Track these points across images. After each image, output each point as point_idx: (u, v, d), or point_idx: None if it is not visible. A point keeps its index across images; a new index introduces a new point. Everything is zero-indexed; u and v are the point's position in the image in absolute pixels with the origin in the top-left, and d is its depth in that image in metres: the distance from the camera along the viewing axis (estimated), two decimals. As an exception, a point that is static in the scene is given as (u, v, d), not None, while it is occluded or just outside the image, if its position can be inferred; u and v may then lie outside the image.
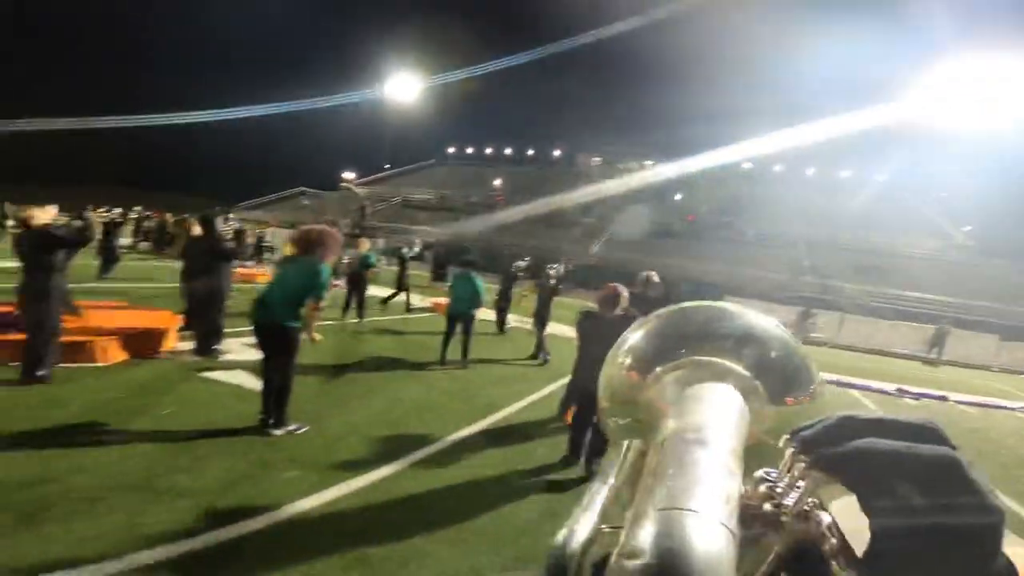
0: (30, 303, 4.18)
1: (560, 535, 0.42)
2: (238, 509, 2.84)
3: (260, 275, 11.68)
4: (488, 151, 63.49)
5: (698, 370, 0.48)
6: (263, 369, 4.06)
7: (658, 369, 0.50)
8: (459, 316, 6.94)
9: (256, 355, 4.16)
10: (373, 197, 50.66)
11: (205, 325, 5.70)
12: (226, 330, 5.97)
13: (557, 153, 59.40)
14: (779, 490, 0.39)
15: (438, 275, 20.82)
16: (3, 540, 2.26)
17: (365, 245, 9.41)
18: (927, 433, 0.37)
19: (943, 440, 0.37)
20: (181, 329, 6.01)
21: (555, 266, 8.41)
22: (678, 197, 38.87)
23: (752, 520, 0.38)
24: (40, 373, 4.20)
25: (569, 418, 4.35)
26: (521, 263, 9.32)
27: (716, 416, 0.43)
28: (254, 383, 4.64)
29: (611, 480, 0.48)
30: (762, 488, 0.39)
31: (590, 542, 0.42)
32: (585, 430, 4.05)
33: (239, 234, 13.34)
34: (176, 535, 2.52)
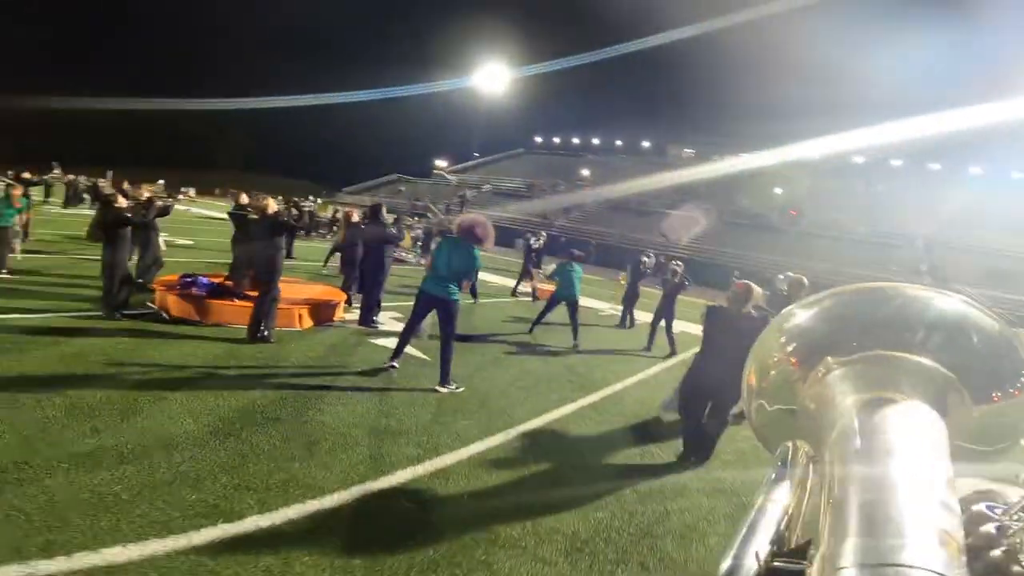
0: (261, 276, 5.37)
1: (724, 565, 0.38)
2: (440, 444, 3.69)
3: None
4: (575, 141, 63.39)
5: (882, 367, 0.42)
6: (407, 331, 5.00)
7: (829, 359, 0.44)
8: (564, 300, 7.71)
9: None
10: (464, 184, 52.52)
11: (368, 300, 6.80)
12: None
13: (647, 143, 58.12)
14: (1012, 533, 0.31)
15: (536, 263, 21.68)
16: (304, 464, 3.17)
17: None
18: None
19: None
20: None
21: (680, 263, 8.53)
22: (779, 191, 36.96)
23: (976, 566, 0.30)
24: (265, 333, 5.40)
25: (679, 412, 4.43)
26: (647, 259, 9.65)
27: (915, 434, 0.36)
28: (413, 350, 5.58)
29: (776, 496, 0.42)
30: (986, 528, 0.32)
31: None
32: (698, 423, 4.09)
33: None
34: (405, 463, 3.37)
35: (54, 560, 2.00)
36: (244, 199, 7.87)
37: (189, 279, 6.48)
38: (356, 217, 8.09)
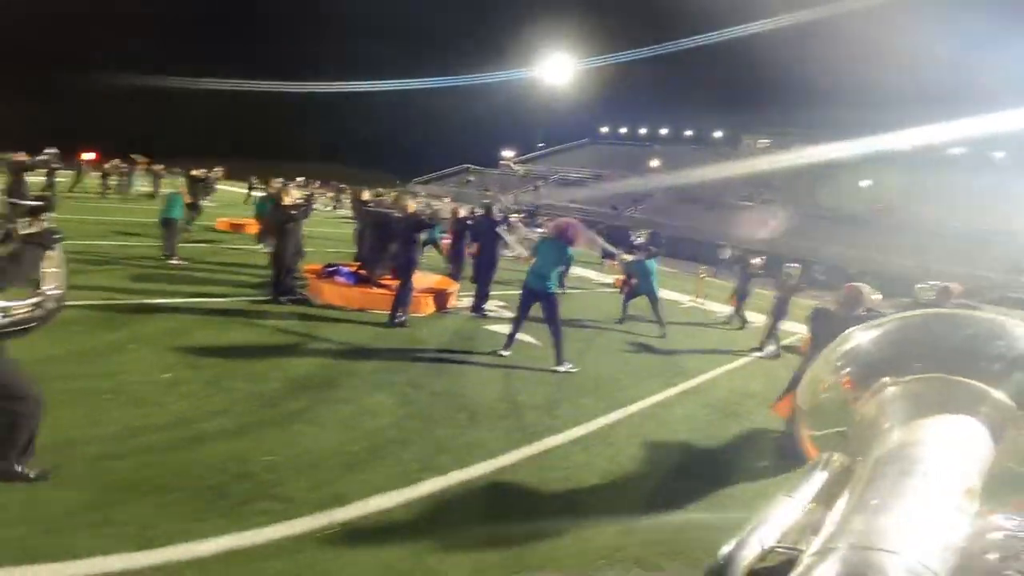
0: (401, 268, 6.24)
1: (725, 548, 0.40)
2: (572, 418, 4.34)
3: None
4: (643, 131, 62.37)
5: (941, 389, 0.42)
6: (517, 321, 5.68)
7: (885, 379, 0.45)
8: (644, 294, 8.26)
9: (512, 314, 6.03)
10: (530, 175, 53.13)
11: (481, 290, 7.58)
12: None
13: (718, 134, 56.25)
14: (1018, 542, 0.32)
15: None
16: (475, 430, 3.88)
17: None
18: None
19: None
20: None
21: (794, 265, 8.51)
22: (865, 183, 35.09)
23: (974, 567, 0.31)
24: (402, 319, 6.26)
25: (781, 409, 4.54)
26: (757, 260, 9.66)
27: (950, 445, 0.37)
28: (525, 336, 6.26)
29: (799, 494, 0.44)
30: (994, 536, 0.33)
31: (759, 560, 0.38)
32: None
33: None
34: (548, 432, 4.04)
35: (342, 508, 2.66)
36: (366, 196, 8.84)
37: (332, 268, 7.50)
38: (462, 212, 8.90)
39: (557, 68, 48.78)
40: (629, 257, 9.35)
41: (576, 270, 11.68)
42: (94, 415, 3.14)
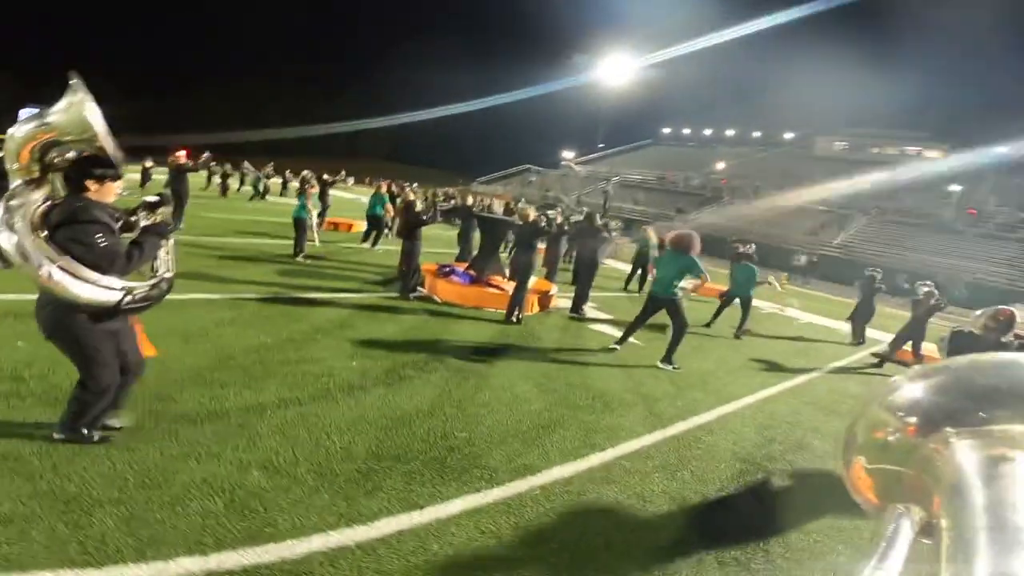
0: (520, 271, 6.94)
1: None
2: (689, 409, 4.85)
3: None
4: (707, 132, 61.07)
5: (1006, 440, 0.41)
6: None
7: (948, 430, 0.43)
8: (739, 297, 8.61)
9: (606, 315, 6.88)
10: (592, 176, 53.22)
11: (581, 292, 8.20)
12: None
13: (790, 135, 54.25)
14: None
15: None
16: (610, 416, 4.50)
17: (651, 233, 11.22)
18: None
19: None
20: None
21: (928, 283, 8.21)
22: (956, 188, 33.12)
23: None
24: (518, 317, 6.96)
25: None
26: (877, 274, 9.45)
27: None
28: (633, 339, 6.78)
29: (888, 566, 0.41)
30: None
31: None
32: None
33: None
34: (674, 420, 4.57)
35: (534, 476, 3.33)
36: (470, 200, 9.63)
37: (448, 268, 8.32)
38: (532, 215, 9.41)
39: (620, 68, 48.59)
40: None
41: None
42: (324, 401, 3.90)
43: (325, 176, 13.27)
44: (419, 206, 7.55)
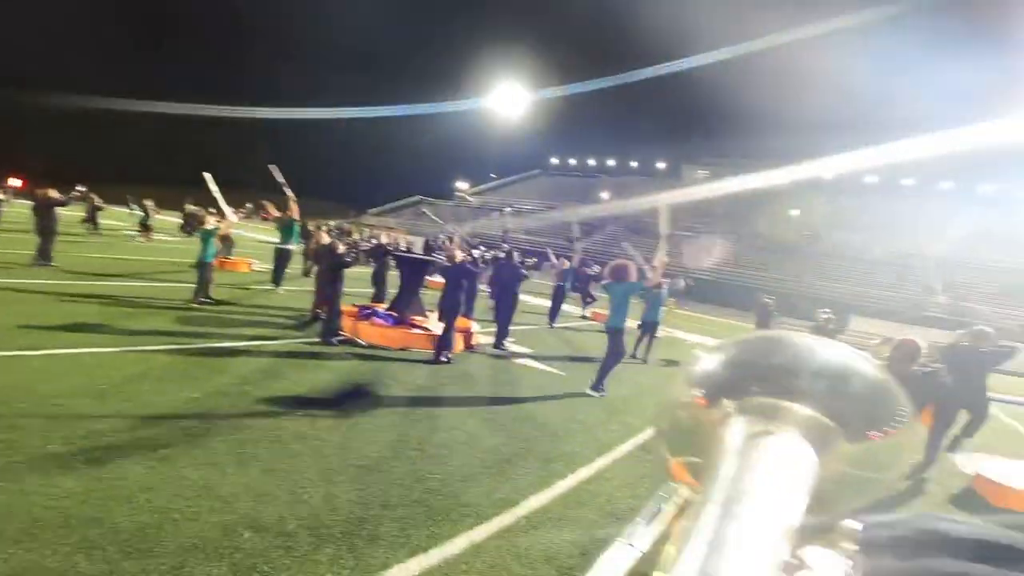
0: (447, 312, 7.06)
1: None
2: (627, 432, 5.31)
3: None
4: (591, 162, 65.38)
5: (768, 413, 0.45)
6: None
7: (724, 403, 0.48)
8: (647, 322, 9.48)
9: (526, 348, 7.20)
10: (485, 207, 54.56)
11: (502, 327, 8.49)
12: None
13: (662, 164, 59.90)
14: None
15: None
16: (561, 443, 4.83)
17: (565, 265, 12.00)
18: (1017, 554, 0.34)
19: None
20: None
21: (827, 310, 9.15)
22: (795, 212, 38.61)
23: None
24: (447, 356, 7.07)
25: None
26: (771, 300, 10.43)
27: (775, 482, 0.39)
28: (539, 365, 7.21)
29: (638, 540, 0.45)
30: (803, 573, 0.36)
31: None
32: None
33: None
34: (617, 443, 4.99)
35: (516, 508, 3.60)
36: (385, 239, 9.60)
37: (369, 311, 8.20)
38: (460, 256, 9.65)
39: (511, 99, 50.70)
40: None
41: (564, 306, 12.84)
42: (282, 455, 3.80)
43: (190, 207, 12.31)
44: (341, 247, 7.44)
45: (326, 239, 8.17)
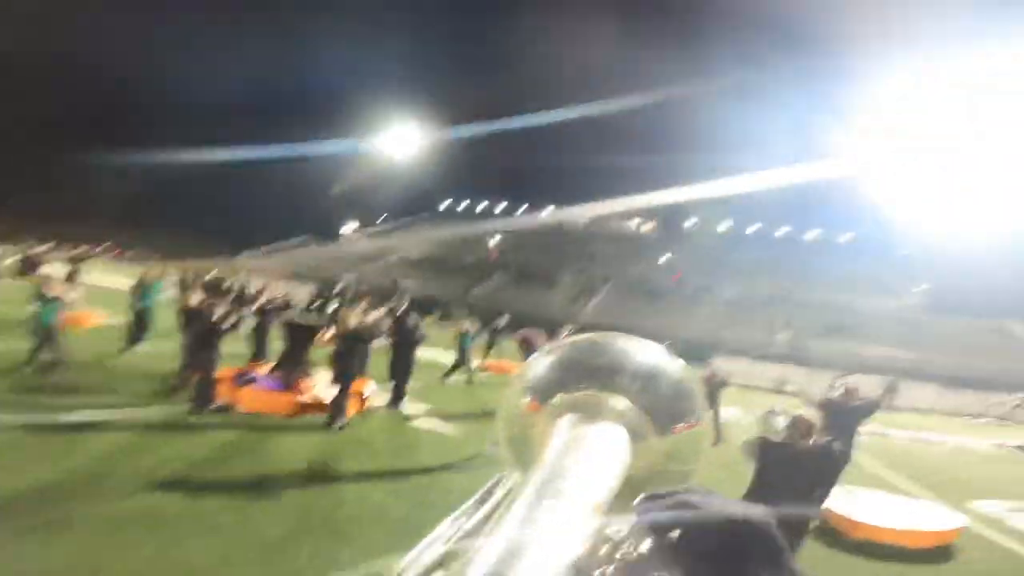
0: (342, 376, 6.81)
1: (402, 564, 0.47)
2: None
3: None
4: (481, 206, 66.71)
5: (591, 406, 0.50)
6: None
7: (555, 400, 0.52)
8: None
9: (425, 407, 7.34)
10: (373, 251, 53.28)
11: (398, 388, 8.34)
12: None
13: (549, 210, 62.21)
14: (621, 551, 0.39)
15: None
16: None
17: (464, 326, 12.06)
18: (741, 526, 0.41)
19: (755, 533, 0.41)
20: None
21: (712, 363, 9.67)
22: (665, 258, 42.50)
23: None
24: (343, 422, 6.79)
25: None
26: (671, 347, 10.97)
27: (586, 464, 0.43)
28: (437, 426, 7.25)
29: (466, 517, 0.51)
30: (605, 550, 0.40)
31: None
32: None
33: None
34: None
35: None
36: (266, 297, 9.08)
37: (248, 376, 7.64)
38: (354, 321, 9.26)
39: (401, 140, 50.63)
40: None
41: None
42: (170, 542, 3.38)
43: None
44: (218, 310, 6.92)
45: (198, 298, 7.54)
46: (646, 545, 0.38)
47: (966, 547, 5.14)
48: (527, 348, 6.69)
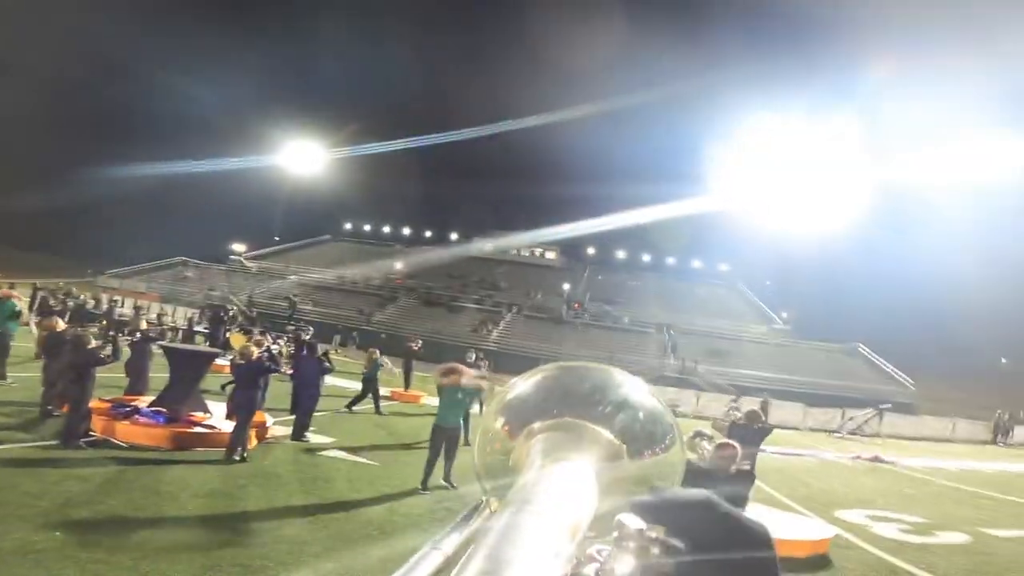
0: (243, 408, 6.28)
1: None
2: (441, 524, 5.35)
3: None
4: (386, 230, 65.09)
5: (569, 432, 0.51)
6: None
7: (533, 425, 0.53)
8: None
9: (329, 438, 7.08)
10: (265, 272, 49.96)
11: (302, 419, 7.85)
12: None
13: (455, 236, 62.32)
14: (605, 568, 0.38)
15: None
16: (390, 543, 4.61)
17: (376, 355, 11.54)
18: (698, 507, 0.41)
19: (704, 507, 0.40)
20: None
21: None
22: (567, 286, 44.13)
23: None
24: (244, 455, 6.24)
25: None
26: (470, 358, 10.80)
27: (565, 483, 0.43)
28: (347, 456, 7.05)
29: (444, 544, 0.49)
30: (588, 569, 0.39)
31: None
32: None
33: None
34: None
35: None
36: (144, 324, 8.20)
37: (128, 408, 6.80)
38: (256, 352, 8.58)
39: (301, 158, 48.26)
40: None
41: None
42: None
43: None
44: (92, 341, 6.16)
45: (61, 327, 6.67)
46: (628, 565, 0.37)
47: (838, 556, 5.49)
48: (448, 375, 6.54)
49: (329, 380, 11.63)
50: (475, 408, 7.85)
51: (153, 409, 6.96)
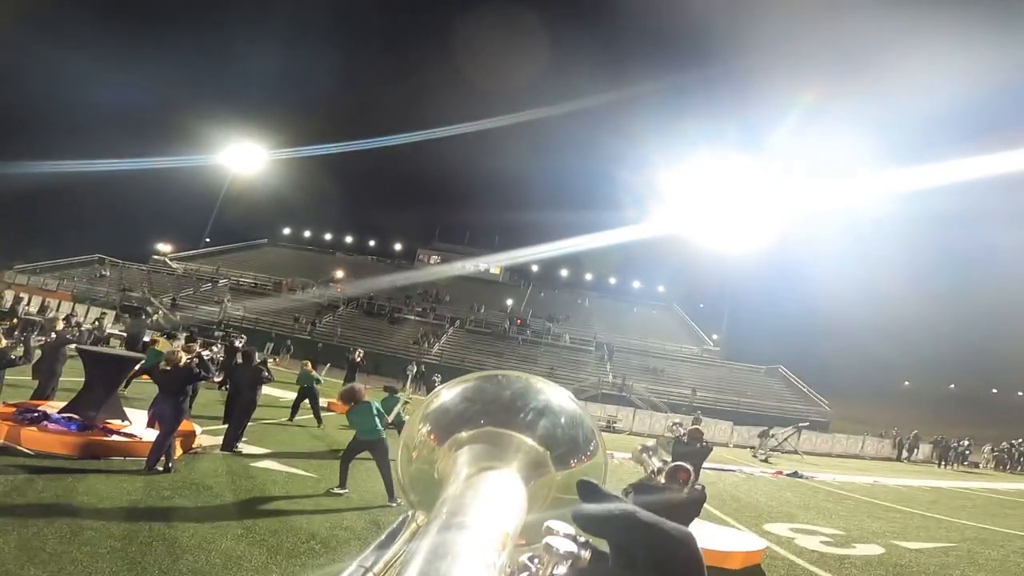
0: (168, 417, 5.84)
1: None
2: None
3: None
4: (327, 237, 63.10)
5: (492, 441, 0.50)
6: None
7: (458, 435, 0.52)
8: None
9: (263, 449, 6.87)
10: (192, 275, 47.16)
11: (235, 430, 7.40)
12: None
13: (399, 247, 61.43)
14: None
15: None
16: (334, 558, 4.40)
17: (309, 367, 11.09)
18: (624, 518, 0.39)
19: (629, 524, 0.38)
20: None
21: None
22: (510, 302, 44.34)
23: None
24: (170, 466, 5.79)
25: None
26: (411, 370, 10.63)
27: (492, 497, 0.43)
28: (284, 467, 6.77)
29: (372, 561, 0.47)
30: None
31: None
32: None
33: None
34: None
35: None
36: (60, 325, 7.51)
37: (35, 412, 6.18)
38: (184, 359, 7.96)
39: (236, 159, 46.08)
40: None
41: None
42: None
43: None
44: (1, 341, 5.59)
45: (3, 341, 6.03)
46: (560, 572, 0.36)
47: (768, 567, 5.66)
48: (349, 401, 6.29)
49: (264, 390, 11.08)
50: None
51: (65, 416, 6.36)
